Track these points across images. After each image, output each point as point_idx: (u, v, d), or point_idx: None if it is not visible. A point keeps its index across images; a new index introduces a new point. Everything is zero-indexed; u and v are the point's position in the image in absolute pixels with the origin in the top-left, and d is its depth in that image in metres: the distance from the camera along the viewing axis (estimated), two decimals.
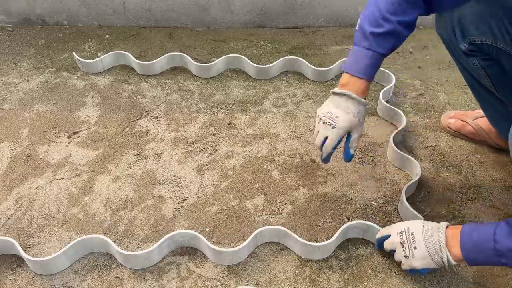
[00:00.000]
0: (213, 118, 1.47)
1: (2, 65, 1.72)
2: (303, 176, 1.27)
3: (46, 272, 1.04)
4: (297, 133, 1.41)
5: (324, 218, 1.16)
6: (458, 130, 1.37)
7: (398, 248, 0.98)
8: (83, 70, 1.66)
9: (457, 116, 1.38)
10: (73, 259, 1.07)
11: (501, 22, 0.92)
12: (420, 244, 0.94)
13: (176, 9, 1.88)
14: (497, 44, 0.95)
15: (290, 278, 1.04)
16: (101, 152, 1.35)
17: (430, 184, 1.24)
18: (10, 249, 1.07)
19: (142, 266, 1.05)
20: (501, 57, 0.98)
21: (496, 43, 0.95)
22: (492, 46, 0.97)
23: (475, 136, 1.35)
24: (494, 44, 0.96)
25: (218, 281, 1.03)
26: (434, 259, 0.93)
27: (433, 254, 0.92)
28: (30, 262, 1.02)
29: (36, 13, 1.91)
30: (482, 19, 0.95)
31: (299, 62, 1.64)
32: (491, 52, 0.98)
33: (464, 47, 1.01)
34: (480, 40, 0.98)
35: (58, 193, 1.23)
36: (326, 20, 1.92)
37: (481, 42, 0.98)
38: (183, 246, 1.10)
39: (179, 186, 1.25)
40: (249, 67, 1.63)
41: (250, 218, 1.16)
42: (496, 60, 1.00)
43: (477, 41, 0.98)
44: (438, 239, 0.92)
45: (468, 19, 0.97)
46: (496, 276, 1.04)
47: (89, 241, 1.07)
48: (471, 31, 0.98)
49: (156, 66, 1.64)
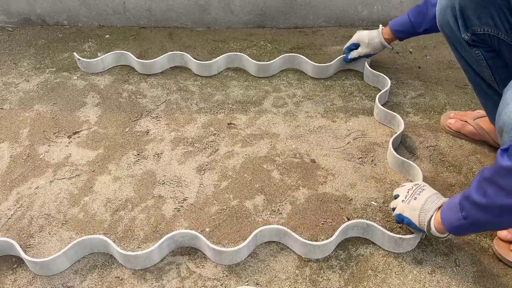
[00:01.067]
0: (213, 118, 1.47)
1: (2, 65, 1.72)
2: (303, 176, 1.27)
3: (46, 273, 1.04)
4: (297, 133, 1.41)
5: (324, 218, 1.16)
6: (458, 130, 1.37)
7: (402, 193, 1.05)
8: (84, 70, 1.66)
9: (457, 116, 1.38)
10: (73, 260, 1.07)
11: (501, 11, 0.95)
12: (422, 199, 1.00)
13: (176, 9, 1.88)
14: (499, 34, 0.98)
15: (290, 278, 1.04)
16: (101, 152, 1.35)
17: (430, 184, 1.24)
18: (10, 250, 1.07)
19: (142, 266, 1.05)
20: (503, 48, 1.00)
21: (498, 34, 0.98)
22: (493, 36, 0.99)
23: (475, 136, 1.34)
24: (496, 34, 0.98)
25: (218, 281, 1.03)
26: (420, 215, 0.98)
27: (423, 210, 0.98)
28: (30, 263, 1.02)
29: (36, 13, 1.91)
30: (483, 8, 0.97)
31: (299, 59, 1.64)
32: (493, 43, 1.00)
33: (467, 37, 1.03)
34: (482, 30, 1.00)
35: (58, 193, 1.23)
36: (326, 20, 1.92)
37: (483, 33, 1.00)
38: (183, 246, 1.10)
39: (179, 186, 1.25)
40: (249, 65, 1.63)
41: (250, 218, 1.16)
42: (498, 52, 1.02)
43: (479, 31, 1.00)
44: (436, 202, 0.98)
45: (470, 9, 0.99)
46: (496, 276, 1.04)
47: (89, 241, 1.07)
48: (473, 21, 1.00)
49: (157, 65, 1.64)
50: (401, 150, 1.34)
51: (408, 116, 1.47)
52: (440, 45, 1.81)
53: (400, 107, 1.50)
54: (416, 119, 1.46)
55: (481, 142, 1.35)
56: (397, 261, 1.07)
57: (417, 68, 1.69)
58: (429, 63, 1.72)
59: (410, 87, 1.59)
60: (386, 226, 1.13)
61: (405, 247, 1.07)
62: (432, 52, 1.78)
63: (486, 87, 1.14)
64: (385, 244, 1.08)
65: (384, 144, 1.36)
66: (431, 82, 1.62)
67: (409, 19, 1.39)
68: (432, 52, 1.77)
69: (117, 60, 1.69)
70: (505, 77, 1.05)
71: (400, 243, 1.06)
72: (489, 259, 1.07)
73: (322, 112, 1.49)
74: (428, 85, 1.60)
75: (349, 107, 1.50)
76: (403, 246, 1.07)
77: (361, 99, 1.54)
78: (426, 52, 1.78)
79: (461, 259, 1.07)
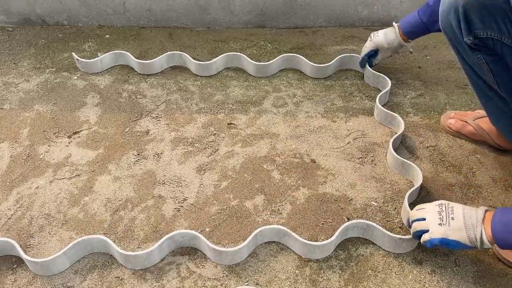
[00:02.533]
0: (213, 118, 1.47)
1: (2, 65, 1.72)
2: (303, 176, 1.27)
3: (46, 273, 1.04)
4: (297, 133, 1.41)
5: (324, 218, 1.16)
6: (459, 130, 1.37)
7: (433, 216, 0.96)
8: (83, 70, 1.66)
9: (457, 116, 1.38)
10: (73, 260, 1.07)
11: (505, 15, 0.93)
12: (459, 216, 0.94)
13: (176, 9, 1.88)
14: (502, 38, 0.96)
15: (290, 278, 1.04)
16: (101, 152, 1.35)
17: (430, 184, 1.24)
18: (10, 250, 1.07)
19: (142, 266, 1.05)
20: (505, 52, 0.99)
21: (501, 38, 0.96)
22: (496, 40, 0.98)
23: (475, 136, 1.34)
24: (499, 38, 0.97)
25: (218, 281, 1.03)
26: (469, 233, 0.92)
27: (469, 227, 0.92)
28: (30, 263, 1.02)
29: (36, 13, 1.91)
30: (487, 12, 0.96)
31: (298, 59, 1.64)
32: (495, 47, 0.99)
33: (469, 41, 1.02)
34: (485, 34, 0.98)
35: (58, 193, 1.23)
36: (326, 20, 1.92)
37: (486, 36, 0.99)
38: (183, 246, 1.10)
39: (179, 186, 1.25)
40: (249, 65, 1.63)
41: (250, 218, 1.16)
42: (500, 56, 1.01)
43: (482, 35, 0.99)
44: (475, 216, 0.93)
45: (474, 13, 0.98)
46: (496, 276, 1.04)
47: (89, 241, 1.07)
48: (477, 24, 0.98)
49: (156, 65, 1.64)
50: (401, 150, 1.34)
51: (408, 116, 1.47)
52: (440, 45, 1.81)
53: (400, 107, 1.50)
54: (416, 119, 1.46)
55: (481, 142, 1.35)
56: (397, 261, 1.07)
57: (417, 68, 1.69)
58: (429, 63, 1.72)
59: (410, 87, 1.59)
60: (386, 226, 1.13)
61: (405, 247, 1.07)
62: (432, 52, 1.78)
63: (487, 89, 1.14)
64: (385, 244, 1.08)
65: (384, 144, 1.36)
66: (431, 82, 1.62)
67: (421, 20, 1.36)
68: (432, 52, 1.77)
69: (116, 60, 1.69)
70: (506, 80, 1.05)
71: (400, 243, 1.06)
72: (489, 259, 1.06)
73: (322, 112, 1.49)
74: (428, 85, 1.60)
75: (349, 107, 1.50)
76: (403, 246, 1.07)
77: (361, 99, 1.54)
78: (426, 52, 1.78)
79: (461, 259, 1.07)
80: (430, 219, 0.97)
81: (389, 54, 1.54)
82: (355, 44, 1.81)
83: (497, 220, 0.90)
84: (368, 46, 1.53)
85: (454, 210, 0.96)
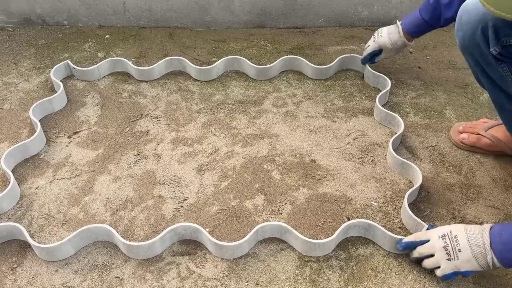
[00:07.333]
0: (213, 118, 1.47)
1: (2, 65, 1.72)
2: (303, 176, 1.27)
3: (52, 259, 1.06)
4: (297, 133, 1.41)
5: (324, 218, 1.16)
6: (474, 144, 1.31)
7: (439, 252, 0.96)
8: (79, 79, 1.63)
9: (468, 130, 1.33)
10: (78, 247, 1.09)
11: None
12: (465, 247, 0.92)
13: (176, 9, 1.88)
14: None
15: (290, 278, 1.04)
16: (101, 152, 1.35)
17: (430, 184, 1.24)
18: (19, 234, 1.09)
19: (144, 257, 1.07)
20: None
21: None
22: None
23: (492, 147, 1.29)
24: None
25: (218, 281, 1.03)
26: (480, 262, 0.91)
27: (478, 257, 0.91)
28: (37, 248, 1.05)
29: (36, 13, 1.91)
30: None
31: (299, 61, 1.64)
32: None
33: (495, 52, 1.00)
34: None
35: (58, 193, 1.23)
36: (326, 20, 1.92)
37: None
38: (185, 239, 1.11)
39: (179, 186, 1.25)
40: (249, 68, 1.62)
41: (250, 218, 1.16)
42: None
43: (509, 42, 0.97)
44: (482, 242, 0.91)
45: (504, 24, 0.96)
46: (496, 276, 1.04)
47: (94, 230, 1.09)
48: (506, 31, 0.96)
49: (155, 72, 1.62)
50: (401, 150, 1.34)
51: (408, 116, 1.47)
52: (440, 45, 1.81)
53: (400, 107, 1.50)
54: (416, 119, 1.46)
55: (498, 153, 1.31)
56: (397, 261, 1.07)
57: (417, 68, 1.69)
58: (429, 63, 1.72)
59: (410, 87, 1.59)
60: (386, 226, 1.13)
61: None
62: (432, 52, 1.78)
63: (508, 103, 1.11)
64: (385, 245, 1.08)
65: (384, 144, 1.36)
66: (431, 82, 1.62)
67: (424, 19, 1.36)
68: (432, 52, 1.77)
69: (114, 67, 1.65)
70: None
71: None
72: None
73: (322, 112, 1.49)
74: (428, 85, 1.60)
75: (349, 107, 1.50)
76: None
77: (361, 99, 1.54)
78: (426, 52, 1.78)
79: None
80: (438, 256, 0.97)
81: (393, 54, 1.53)
82: (355, 44, 1.81)
83: (497, 241, 0.90)
84: (372, 46, 1.52)
85: (458, 239, 0.94)
